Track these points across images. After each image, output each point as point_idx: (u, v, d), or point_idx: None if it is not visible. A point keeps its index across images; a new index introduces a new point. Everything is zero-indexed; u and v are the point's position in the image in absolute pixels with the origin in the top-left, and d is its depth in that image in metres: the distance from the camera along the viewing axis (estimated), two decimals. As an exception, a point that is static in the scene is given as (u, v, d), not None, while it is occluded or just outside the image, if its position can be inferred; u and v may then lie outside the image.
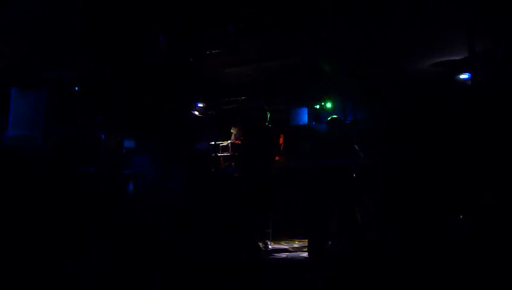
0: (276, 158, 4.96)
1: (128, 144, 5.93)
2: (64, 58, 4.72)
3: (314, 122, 6.50)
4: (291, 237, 5.16)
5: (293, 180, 5.28)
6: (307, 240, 4.25)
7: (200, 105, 6.65)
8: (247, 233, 4.09)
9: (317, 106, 6.52)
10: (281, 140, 5.60)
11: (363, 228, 4.15)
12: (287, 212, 5.39)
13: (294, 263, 3.85)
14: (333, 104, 6.37)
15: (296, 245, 4.81)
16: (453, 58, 5.02)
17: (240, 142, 5.76)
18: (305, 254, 4.18)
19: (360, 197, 4.50)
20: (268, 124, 4.74)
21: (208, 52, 4.73)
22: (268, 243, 4.58)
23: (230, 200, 4.70)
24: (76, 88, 4.75)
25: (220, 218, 4.23)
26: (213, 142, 6.38)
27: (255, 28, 4.19)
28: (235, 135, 6.36)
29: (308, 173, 4.57)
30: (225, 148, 6.37)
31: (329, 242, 3.85)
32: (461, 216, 2.82)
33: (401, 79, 5.80)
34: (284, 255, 4.28)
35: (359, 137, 5.05)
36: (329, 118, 4.59)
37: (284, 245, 4.83)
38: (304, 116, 6.61)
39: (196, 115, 6.68)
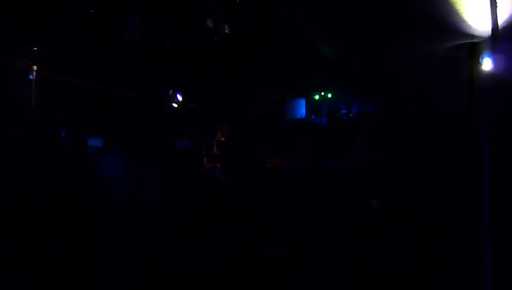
0: (268, 159, 5.08)
1: (94, 142, 5.87)
2: (17, 43, 4.60)
3: (313, 116, 6.59)
4: (286, 246, 5.11)
5: (289, 183, 5.27)
6: (303, 251, 4.36)
7: (180, 96, 6.59)
8: (233, 242, 4.18)
9: (317, 97, 6.57)
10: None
11: (367, 244, 4.18)
12: (281, 220, 5.35)
13: (287, 274, 3.97)
14: (335, 94, 6.44)
15: (291, 255, 4.88)
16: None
17: (226, 139, 5.89)
18: (301, 266, 4.27)
19: (366, 203, 4.56)
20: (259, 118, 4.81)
21: (187, 35, 4.72)
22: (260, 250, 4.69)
23: (215, 206, 4.74)
24: (31, 77, 4.52)
25: (204, 227, 4.34)
26: (195, 140, 6.39)
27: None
28: (221, 131, 6.31)
29: (306, 174, 4.62)
30: (209, 147, 6.31)
31: (328, 255, 3.92)
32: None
33: (414, 64, 5.48)
34: (277, 264, 4.42)
35: (365, 132, 5.14)
36: (328, 109, 4.64)
37: (277, 254, 4.89)
38: (301, 109, 6.65)
39: (175, 108, 6.62)
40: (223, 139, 6.07)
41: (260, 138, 5.30)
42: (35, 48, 4.50)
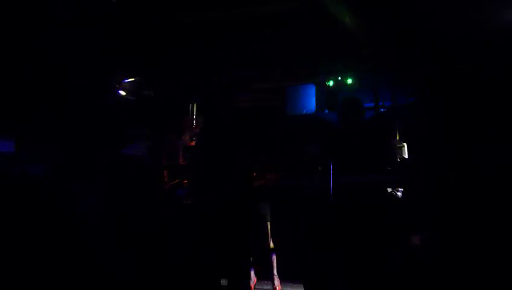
0: (258, 174, 5.16)
1: (4, 146, 5.93)
2: None
3: (326, 110, 6.46)
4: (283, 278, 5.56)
5: (288, 212, 5.40)
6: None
7: (130, 80, 6.52)
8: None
9: (331, 83, 6.39)
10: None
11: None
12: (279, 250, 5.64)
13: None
14: (358, 79, 6.29)
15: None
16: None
17: (196, 144, 5.76)
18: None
19: (399, 239, 4.58)
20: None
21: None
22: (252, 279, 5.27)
23: (177, 248, 4.85)
24: None
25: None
26: (152, 145, 6.14)
27: None
28: (189, 132, 6.10)
29: (314, 195, 4.56)
30: (172, 155, 6.07)
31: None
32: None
33: (471, 41, 5.69)
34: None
35: (401, 136, 5.42)
36: (343, 101, 4.71)
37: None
38: (309, 100, 6.57)
39: (123, 97, 6.55)
40: (192, 144, 5.94)
41: (247, 143, 5.13)
42: None
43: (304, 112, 6.56)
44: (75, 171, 5.63)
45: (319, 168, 4.75)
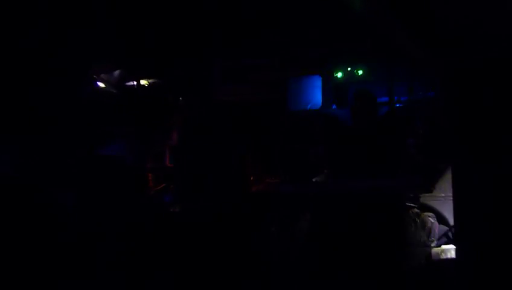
0: (255, 178, 5.30)
1: None
2: None
3: (334, 106, 6.33)
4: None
5: (291, 223, 5.23)
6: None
7: (111, 71, 6.40)
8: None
9: (339, 74, 6.29)
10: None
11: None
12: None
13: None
14: (371, 70, 6.21)
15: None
16: None
17: (185, 144, 5.84)
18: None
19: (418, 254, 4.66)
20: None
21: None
22: None
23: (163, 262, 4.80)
24: None
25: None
26: (135, 144, 6.21)
27: None
28: (178, 129, 6.23)
29: (320, 203, 4.60)
30: (159, 156, 6.25)
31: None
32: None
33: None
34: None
35: (419, 135, 5.28)
36: (355, 93, 4.68)
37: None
38: (314, 94, 6.38)
39: (102, 90, 6.38)
40: (182, 143, 6.16)
41: (243, 142, 5.26)
42: None
43: (308, 107, 6.39)
44: (44, 174, 5.35)
45: (325, 171, 4.95)
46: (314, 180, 5.09)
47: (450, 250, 5.09)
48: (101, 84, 6.41)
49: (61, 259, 4.79)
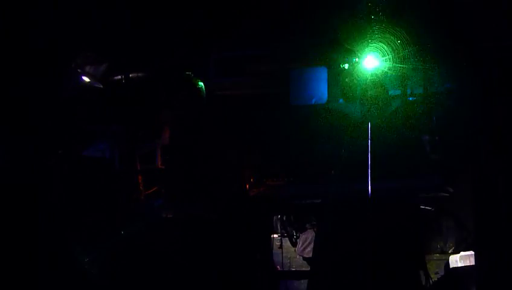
0: (253, 181, 5.34)
1: None
2: None
3: (341, 100, 6.18)
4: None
5: (293, 229, 5.57)
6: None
7: (95, 65, 6.30)
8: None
9: (347, 65, 6.12)
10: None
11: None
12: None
13: None
14: (380, 61, 6.02)
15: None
16: None
17: (177, 143, 5.63)
18: None
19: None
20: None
21: None
22: None
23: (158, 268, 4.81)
24: None
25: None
26: (123, 144, 6.22)
27: None
28: (170, 128, 6.07)
29: (328, 207, 4.71)
30: (149, 157, 6.24)
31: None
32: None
33: None
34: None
35: (436, 132, 5.30)
36: (363, 88, 4.78)
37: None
38: (319, 87, 6.23)
39: (88, 84, 6.32)
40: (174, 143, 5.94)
41: (242, 140, 5.20)
42: None
43: (313, 102, 6.25)
44: (24, 176, 5.37)
45: (332, 172, 4.98)
46: (320, 182, 5.10)
47: (469, 257, 5.11)
48: (86, 79, 6.34)
49: (42, 267, 4.80)
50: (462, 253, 5.15)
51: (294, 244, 5.85)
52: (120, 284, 4.90)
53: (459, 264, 5.11)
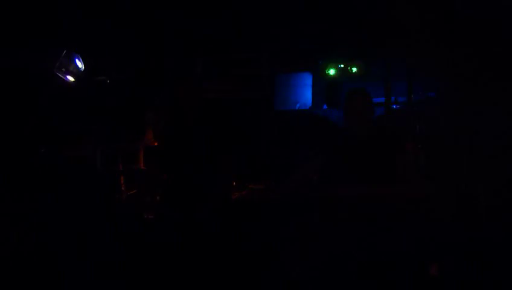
0: (236, 184, 5.33)
1: None
2: None
3: (325, 106, 6.44)
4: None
5: (279, 226, 5.16)
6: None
7: (80, 62, 6.35)
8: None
9: (332, 71, 6.38)
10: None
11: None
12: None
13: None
14: (366, 67, 6.30)
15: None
16: None
17: (160, 144, 5.56)
18: None
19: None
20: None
21: None
22: None
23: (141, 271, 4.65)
24: None
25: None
26: (105, 144, 6.29)
27: None
28: (153, 128, 6.27)
29: (310, 212, 4.40)
30: (132, 158, 6.29)
31: None
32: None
33: None
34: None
35: (418, 138, 5.42)
36: (350, 91, 4.42)
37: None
38: (304, 92, 6.49)
39: (70, 84, 6.37)
40: (156, 144, 5.94)
41: (224, 143, 4.76)
42: None
43: (297, 107, 6.45)
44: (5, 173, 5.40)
45: (314, 178, 4.61)
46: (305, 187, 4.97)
47: (462, 264, 5.11)
48: (70, 78, 6.41)
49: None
50: (454, 260, 5.20)
51: (279, 247, 5.83)
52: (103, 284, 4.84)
53: (449, 272, 5.13)
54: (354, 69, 6.30)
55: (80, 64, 6.43)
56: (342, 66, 6.43)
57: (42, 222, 5.29)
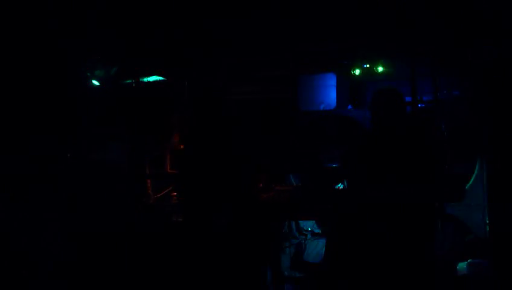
0: (263, 185, 5.29)
1: None
2: None
3: (351, 106, 6.43)
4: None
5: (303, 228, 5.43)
6: None
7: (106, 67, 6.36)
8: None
9: (357, 71, 6.32)
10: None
11: None
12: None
13: None
14: (391, 67, 6.23)
15: None
16: None
17: (186, 147, 5.45)
18: None
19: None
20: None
21: None
22: None
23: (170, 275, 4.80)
24: None
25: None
26: (132, 147, 6.25)
27: None
28: (180, 132, 6.23)
29: (338, 213, 4.63)
30: (158, 162, 6.33)
31: None
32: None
33: None
34: None
35: (446, 137, 5.35)
36: (377, 91, 4.45)
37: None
38: (328, 93, 6.40)
39: (96, 88, 6.41)
40: (183, 147, 5.76)
41: (250, 146, 4.98)
42: None
43: (322, 107, 6.35)
44: (29, 180, 5.31)
45: (341, 179, 5.02)
46: (329, 187, 5.13)
47: (477, 265, 4.99)
48: (95, 82, 6.43)
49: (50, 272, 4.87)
50: (470, 261, 5.05)
51: (302, 249, 5.73)
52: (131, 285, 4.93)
53: (466, 273, 5.03)
54: (380, 68, 6.23)
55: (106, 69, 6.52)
56: (368, 65, 6.33)
57: (70, 226, 5.33)
